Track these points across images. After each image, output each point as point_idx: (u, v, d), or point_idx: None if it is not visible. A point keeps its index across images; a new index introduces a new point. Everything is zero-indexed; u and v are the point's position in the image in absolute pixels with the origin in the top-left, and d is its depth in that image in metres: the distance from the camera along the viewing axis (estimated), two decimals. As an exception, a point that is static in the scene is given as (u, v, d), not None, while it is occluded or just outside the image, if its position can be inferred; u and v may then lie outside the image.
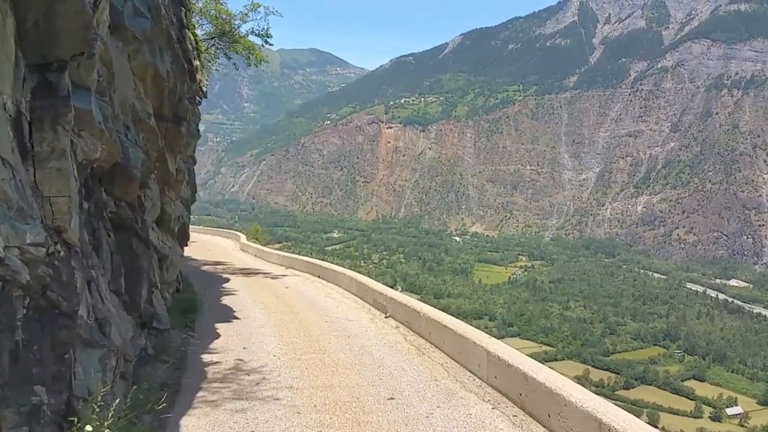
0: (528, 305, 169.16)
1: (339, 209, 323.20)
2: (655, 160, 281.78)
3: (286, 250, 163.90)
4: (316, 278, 30.52)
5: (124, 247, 10.96)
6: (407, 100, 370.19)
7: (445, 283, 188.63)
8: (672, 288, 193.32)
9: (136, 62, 12.41)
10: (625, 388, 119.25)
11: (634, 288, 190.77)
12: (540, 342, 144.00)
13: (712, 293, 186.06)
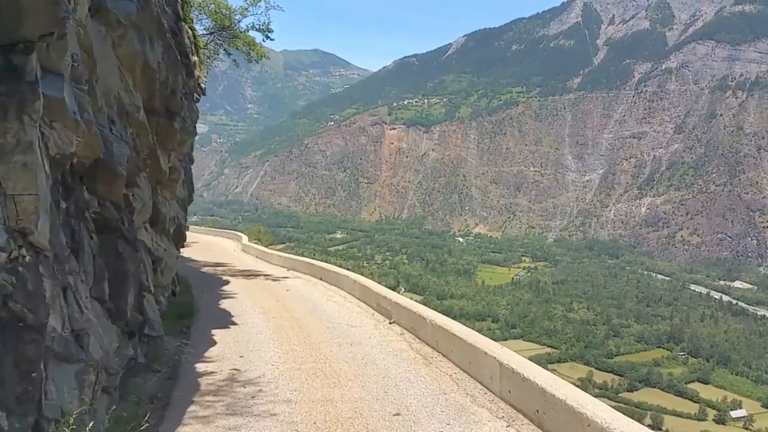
0: (531, 307, 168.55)
1: (342, 210, 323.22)
2: (659, 162, 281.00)
3: (289, 251, 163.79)
4: (318, 280, 29.83)
5: (109, 249, 10.16)
6: (410, 101, 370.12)
7: (448, 284, 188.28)
8: (676, 290, 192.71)
9: (123, 50, 11.57)
10: (629, 391, 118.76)
11: (637, 290, 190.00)
12: (543, 344, 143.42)
13: (716, 295, 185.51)
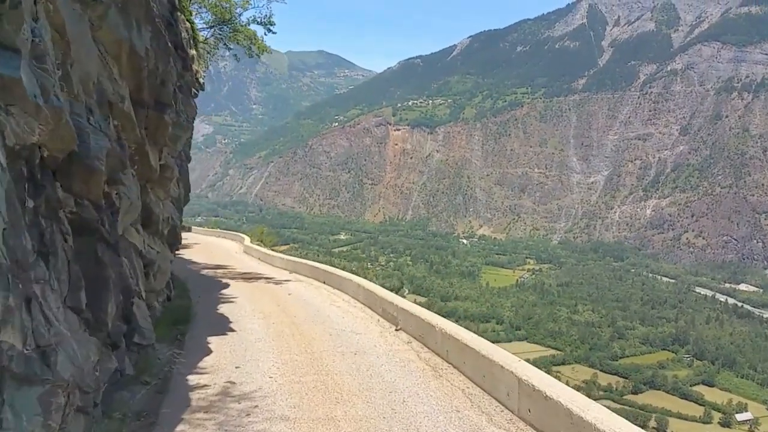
0: (536, 309, 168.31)
1: (346, 211, 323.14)
2: (664, 164, 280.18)
3: (293, 252, 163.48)
4: (321, 284, 29.00)
5: (88, 254, 9.22)
6: (415, 102, 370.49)
7: (452, 286, 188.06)
8: (681, 292, 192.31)
9: (105, 35, 10.63)
10: (634, 393, 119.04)
11: (642, 292, 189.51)
12: (548, 345, 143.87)
13: (722, 297, 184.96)
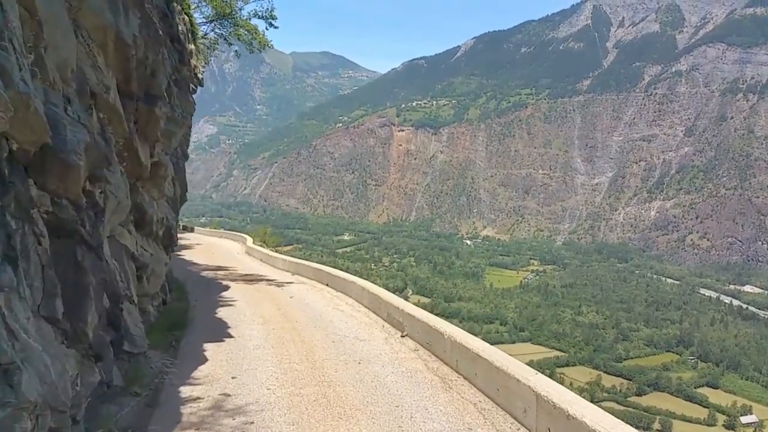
0: (539, 310, 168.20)
1: (350, 212, 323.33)
2: (669, 165, 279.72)
3: (297, 253, 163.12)
4: (324, 286, 28.20)
5: (66, 257, 8.47)
6: (419, 103, 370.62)
7: (455, 287, 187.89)
8: (685, 294, 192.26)
9: (88, 19, 9.93)
10: (638, 395, 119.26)
11: (647, 293, 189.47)
12: (552, 347, 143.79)
13: (726, 299, 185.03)
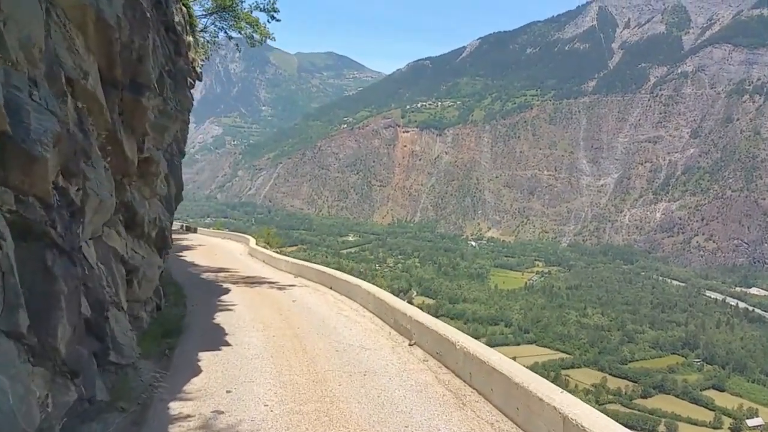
0: (544, 311, 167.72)
1: (355, 213, 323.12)
2: (675, 167, 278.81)
3: (302, 253, 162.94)
4: (328, 290, 27.29)
5: (34, 263, 7.41)
6: (424, 104, 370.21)
7: (460, 288, 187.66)
8: (691, 296, 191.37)
9: None
10: (643, 397, 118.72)
11: (652, 295, 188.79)
12: (557, 349, 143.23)
13: (732, 301, 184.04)
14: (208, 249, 50.88)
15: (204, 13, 30.66)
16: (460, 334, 13.68)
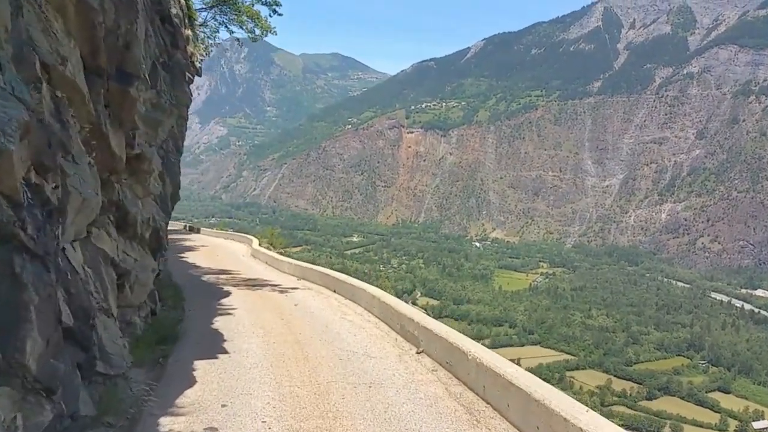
0: (549, 313, 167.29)
1: (359, 213, 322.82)
2: (680, 168, 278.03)
3: (306, 254, 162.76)
4: (332, 293, 26.50)
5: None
6: (429, 104, 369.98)
7: (464, 289, 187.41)
8: (696, 297, 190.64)
9: None
10: (648, 399, 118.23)
11: (657, 297, 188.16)
12: (561, 350, 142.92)
13: (738, 303, 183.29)
14: (210, 250, 50.04)
15: (204, 6, 30.25)
16: (472, 343, 12.88)
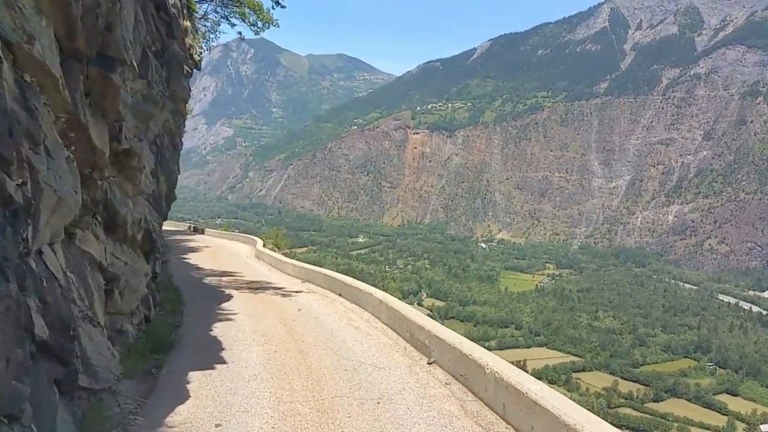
0: (555, 314, 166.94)
1: (365, 214, 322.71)
2: (687, 169, 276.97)
3: (312, 254, 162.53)
4: (337, 297, 25.38)
5: None
6: (434, 105, 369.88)
7: (470, 290, 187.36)
8: (704, 299, 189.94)
9: None
10: (655, 401, 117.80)
11: (664, 299, 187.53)
12: (567, 352, 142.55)
13: (746, 305, 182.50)
14: (213, 251, 49.36)
15: None
16: (489, 355, 11.74)
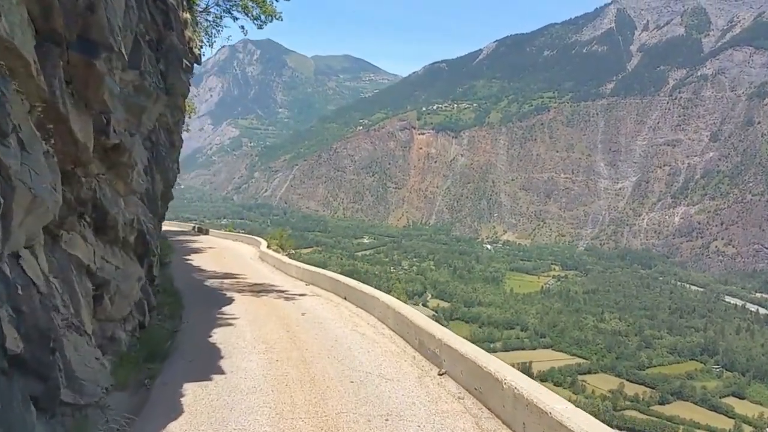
0: (561, 316, 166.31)
1: (370, 215, 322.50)
2: (694, 170, 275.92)
3: (317, 255, 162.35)
4: (342, 300, 24.51)
5: None
6: (440, 106, 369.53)
7: (475, 292, 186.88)
8: (710, 301, 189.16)
9: None
10: (661, 404, 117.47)
11: (670, 300, 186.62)
12: (573, 354, 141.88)
13: (752, 307, 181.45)
14: (217, 252, 48.71)
15: None
16: (506, 367, 10.72)
